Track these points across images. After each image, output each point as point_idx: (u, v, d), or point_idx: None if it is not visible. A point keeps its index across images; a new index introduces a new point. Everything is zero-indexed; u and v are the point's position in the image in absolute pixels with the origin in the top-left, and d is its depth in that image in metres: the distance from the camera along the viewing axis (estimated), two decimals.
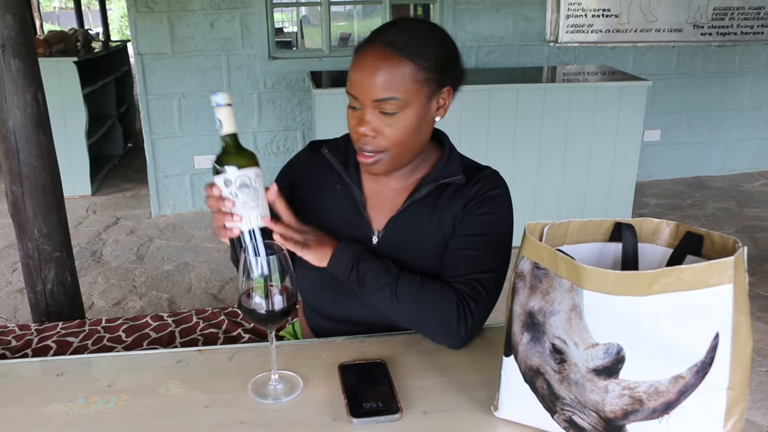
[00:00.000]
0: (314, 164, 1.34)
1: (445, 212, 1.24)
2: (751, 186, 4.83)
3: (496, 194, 1.24)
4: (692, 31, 4.61)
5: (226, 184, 1.05)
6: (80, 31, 5.45)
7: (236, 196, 1.04)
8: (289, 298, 1.02)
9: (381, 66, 1.13)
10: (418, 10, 5.14)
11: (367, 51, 1.15)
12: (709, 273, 0.76)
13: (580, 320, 0.83)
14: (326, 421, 0.99)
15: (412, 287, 1.17)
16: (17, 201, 2.09)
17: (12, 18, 1.95)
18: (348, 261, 1.18)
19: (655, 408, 0.80)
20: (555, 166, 3.65)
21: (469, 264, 1.20)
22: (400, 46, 1.13)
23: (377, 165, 1.20)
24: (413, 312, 1.17)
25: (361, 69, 1.15)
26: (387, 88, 1.13)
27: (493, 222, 1.23)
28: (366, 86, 1.14)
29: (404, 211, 1.25)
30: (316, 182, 1.32)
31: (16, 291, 3.28)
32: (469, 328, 1.15)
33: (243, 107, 4.21)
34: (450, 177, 1.24)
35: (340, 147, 1.31)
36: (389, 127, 1.15)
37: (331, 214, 1.29)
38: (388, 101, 1.13)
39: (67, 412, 1.02)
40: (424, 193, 1.24)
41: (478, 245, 1.21)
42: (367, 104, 1.15)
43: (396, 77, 1.13)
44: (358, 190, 1.28)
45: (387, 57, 1.13)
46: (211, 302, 3.20)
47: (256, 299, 1.01)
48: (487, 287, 1.18)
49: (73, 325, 1.75)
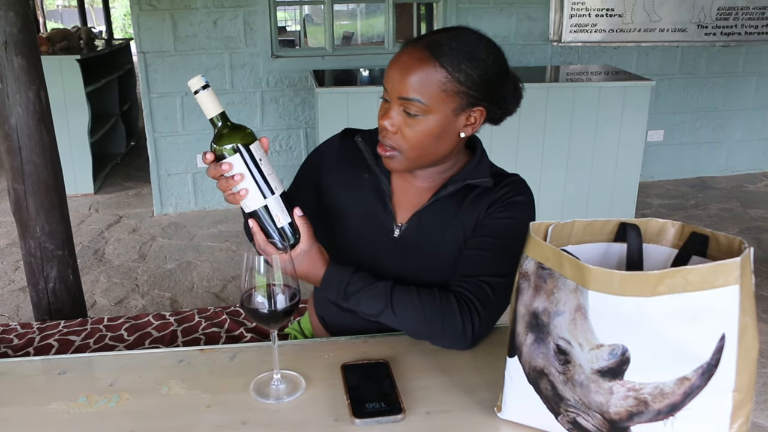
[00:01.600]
0: (346, 151, 1.34)
1: (469, 213, 1.24)
2: (754, 187, 4.81)
3: (520, 200, 1.24)
4: (696, 31, 4.59)
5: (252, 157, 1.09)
6: (83, 29, 5.45)
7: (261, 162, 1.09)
8: (292, 297, 1.01)
9: (413, 66, 1.13)
10: (422, 10, 5.13)
11: (408, 48, 1.16)
12: (716, 274, 0.75)
13: (585, 321, 0.82)
14: (329, 421, 0.99)
15: (410, 300, 1.16)
16: (20, 199, 2.09)
17: (15, 15, 1.95)
18: (340, 279, 1.17)
19: (660, 410, 0.80)
20: (558, 166, 3.65)
21: (481, 265, 1.19)
22: (440, 52, 1.12)
23: (393, 161, 1.20)
24: (414, 324, 1.16)
25: (395, 64, 1.15)
26: (413, 89, 1.12)
27: (512, 227, 1.22)
28: (395, 82, 1.14)
29: (429, 207, 1.25)
30: (345, 168, 1.32)
31: (18, 289, 3.28)
32: (476, 329, 1.14)
33: (246, 105, 4.21)
34: (478, 178, 1.24)
35: (373, 138, 1.30)
36: (409, 128, 1.15)
37: (356, 201, 1.30)
38: (412, 102, 1.13)
39: (68, 411, 1.02)
40: (450, 191, 1.24)
41: (493, 247, 1.20)
42: (394, 99, 1.15)
43: (424, 81, 1.12)
44: (386, 182, 1.28)
45: (422, 59, 1.13)
46: (213, 301, 3.20)
47: (258, 299, 1.00)
48: (496, 290, 1.17)
49: (75, 324, 1.75)
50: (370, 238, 1.28)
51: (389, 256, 1.26)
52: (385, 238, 1.27)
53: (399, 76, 1.13)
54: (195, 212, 4.34)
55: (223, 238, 3.93)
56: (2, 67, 1.96)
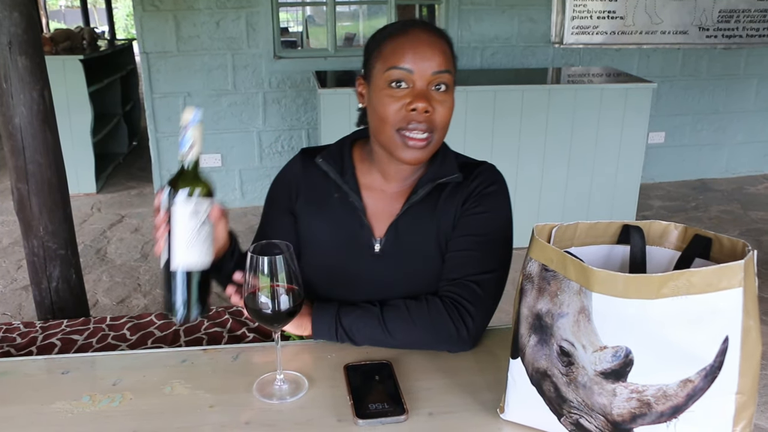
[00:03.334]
0: (308, 174, 1.30)
1: (445, 212, 1.23)
2: (755, 189, 4.81)
3: (492, 191, 1.23)
4: (698, 33, 4.60)
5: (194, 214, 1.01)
6: (86, 29, 5.45)
7: (201, 226, 1.02)
8: (295, 298, 1.02)
9: (435, 42, 1.15)
10: (423, 11, 5.14)
11: (417, 29, 1.17)
12: (719, 276, 0.75)
13: (589, 323, 0.82)
14: (331, 421, 0.99)
15: (400, 317, 1.16)
16: (23, 198, 2.09)
17: (19, 15, 1.95)
18: (329, 322, 1.17)
19: (663, 412, 0.80)
20: (559, 168, 3.65)
21: (467, 265, 1.19)
22: (439, 31, 1.19)
23: (428, 147, 1.17)
24: (411, 338, 1.17)
25: (416, 43, 1.14)
26: (444, 62, 1.15)
27: (490, 220, 1.22)
28: (428, 58, 1.14)
29: (404, 215, 1.24)
30: (312, 193, 1.29)
31: (21, 288, 3.29)
32: (470, 330, 1.15)
33: (248, 106, 4.22)
34: (446, 176, 1.23)
35: (335, 155, 1.28)
36: (441, 105, 1.16)
37: (331, 223, 1.27)
38: (444, 74, 1.15)
39: (71, 410, 1.02)
40: (421, 195, 1.23)
41: (475, 245, 1.20)
42: (425, 78, 1.14)
43: (446, 53, 1.16)
44: (357, 198, 1.25)
45: (436, 35, 1.17)
46: (214, 301, 3.18)
47: (261, 299, 1.01)
48: (485, 287, 1.17)
49: (77, 323, 1.75)
50: (352, 258, 1.26)
51: (373, 270, 1.25)
52: (366, 254, 1.25)
53: (430, 52, 1.14)
54: None
55: None
56: (6, 68, 1.96)
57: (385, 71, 1.15)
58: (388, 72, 1.14)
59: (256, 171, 4.36)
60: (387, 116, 1.15)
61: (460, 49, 4.28)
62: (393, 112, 1.15)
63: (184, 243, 1.01)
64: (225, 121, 4.22)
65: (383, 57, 1.16)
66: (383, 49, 1.17)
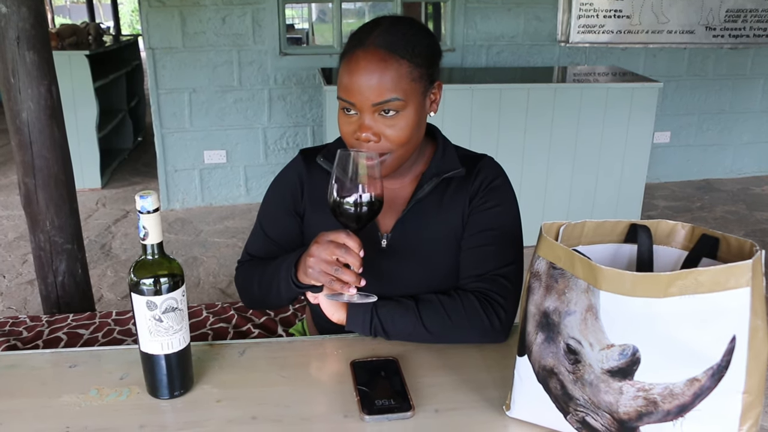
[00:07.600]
0: (310, 174, 1.31)
1: (451, 207, 1.25)
2: (760, 189, 4.80)
3: (498, 184, 1.25)
4: (704, 32, 4.58)
5: (149, 307, 0.98)
6: (92, 24, 5.46)
7: (160, 320, 0.99)
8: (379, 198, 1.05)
9: (378, 69, 1.11)
10: (429, 9, 5.13)
11: (360, 54, 1.12)
12: (727, 276, 0.76)
13: (596, 321, 0.82)
14: (338, 417, 0.99)
15: (436, 312, 1.17)
16: (30, 193, 2.10)
17: (27, 11, 1.96)
18: (365, 312, 1.17)
19: (669, 410, 0.80)
20: (565, 166, 3.65)
21: (488, 260, 1.21)
22: (393, 45, 1.12)
23: (384, 167, 1.17)
24: (447, 332, 1.17)
25: (356, 73, 1.12)
26: (387, 90, 1.11)
27: (501, 214, 1.24)
28: (364, 91, 1.11)
29: (410, 211, 1.25)
30: (315, 193, 1.30)
31: (26, 282, 3.30)
32: (503, 321, 1.17)
33: (253, 103, 4.22)
34: (450, 170, 1.24)
35: (333, 151, 1.28)
36: (391, 129, 1.14)
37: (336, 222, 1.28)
38: (389, 102, 1.12)
39: (79, 403, 1.03)
40: (427, 191, 1.24)
41: (492, 239, 1.22)
42: (366, 109, 1.13)
43: (394, 78, 1.11)
44: None
45: (383, 58, 1.11)
46: (219, 297, 3.21)
47: (361, 191, 1.04)
48: (510, 279, 1.20)
49: (83, 317, 1.76)
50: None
51: (381, 265, 1.25)
52: (373, 249, 1.25)
53: (367, 83, 1.11)
54: (201, 208, 4.35)
55: (230, 234, 3.94)
56: (14, 62, 1.97)
57: (337, 95, 1.17)
58: (338, 98, 1.17)
59: (261, 168, 4.37)
60: (344, 136, 1.20)
61: (466, 47, 4.28)
62: (347, 134, 1.18)
63: (145, 331, 1.01)
64: (230, 118, 4.22)
65: (338, 78, 1.17)
66: (339, 69, 1.17)
